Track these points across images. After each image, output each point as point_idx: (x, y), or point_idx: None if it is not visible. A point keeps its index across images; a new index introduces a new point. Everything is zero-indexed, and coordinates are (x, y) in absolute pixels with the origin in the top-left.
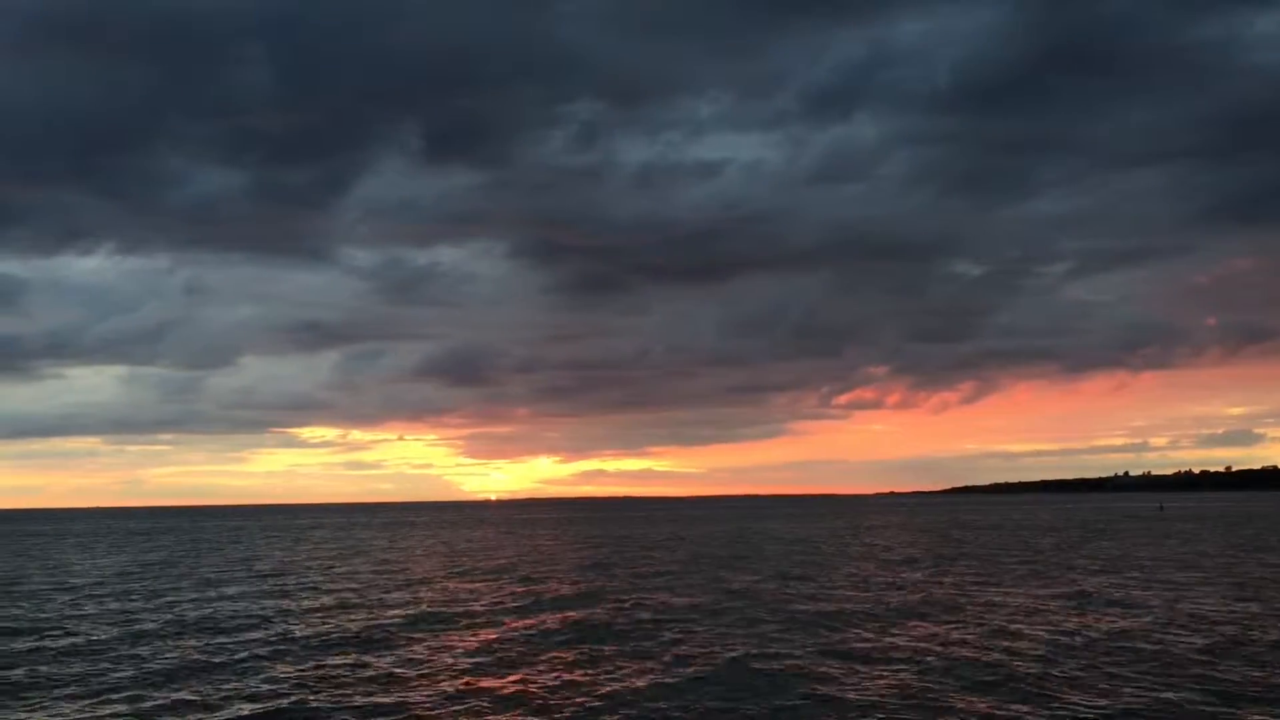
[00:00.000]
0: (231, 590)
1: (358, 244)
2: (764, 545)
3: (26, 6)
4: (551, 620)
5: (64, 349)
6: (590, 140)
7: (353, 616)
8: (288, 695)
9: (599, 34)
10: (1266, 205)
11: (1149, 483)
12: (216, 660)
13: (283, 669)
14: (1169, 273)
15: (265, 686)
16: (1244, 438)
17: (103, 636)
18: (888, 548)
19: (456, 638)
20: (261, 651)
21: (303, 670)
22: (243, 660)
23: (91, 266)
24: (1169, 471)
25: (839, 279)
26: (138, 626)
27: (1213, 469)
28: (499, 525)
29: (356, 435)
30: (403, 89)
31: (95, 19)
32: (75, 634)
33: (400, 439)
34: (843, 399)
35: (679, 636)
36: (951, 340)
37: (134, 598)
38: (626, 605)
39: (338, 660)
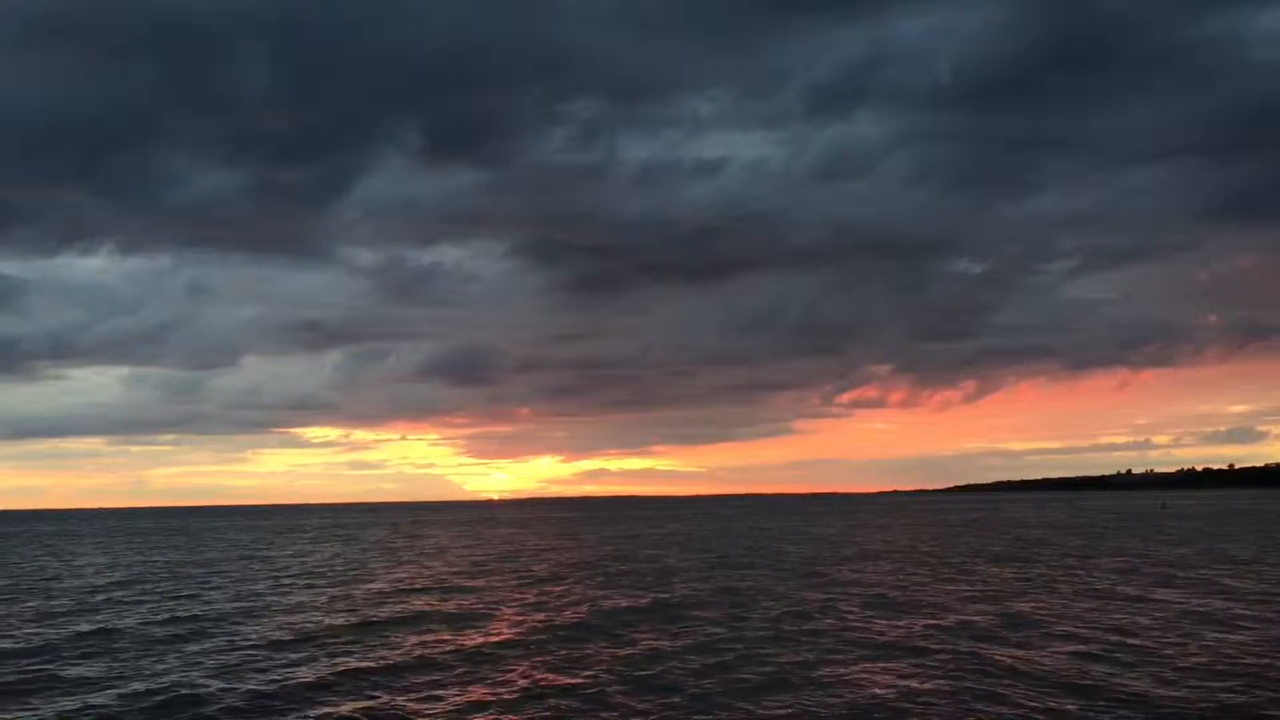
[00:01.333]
0: (386, 588)
1: (359, 244)
2: (838, 543)
3: (27, 5)
4: (743, 616)
5: (65, 350)
6: (591, 139)
7: (537, 617)
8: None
9: (599, 32)
10: (1269, 202)
11: (1152, 480)
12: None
13: (484, 674)
14: (1171, 270)
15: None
16: (1247, 435)
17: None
18: (974, 548)
19: (670, 635)
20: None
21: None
22: (450, 661)
23: (92, 267)
24: (1172, 469)
25: (841, 277)
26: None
27: (1215, 467)
28: (535, 525)
29: (359, 435)
30: (403, 88)
31: (95, 18)
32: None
33: (403, 439)
34: (845, 398)
35: (901, 632)
36: (953, 339)
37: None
38: (811, 605)
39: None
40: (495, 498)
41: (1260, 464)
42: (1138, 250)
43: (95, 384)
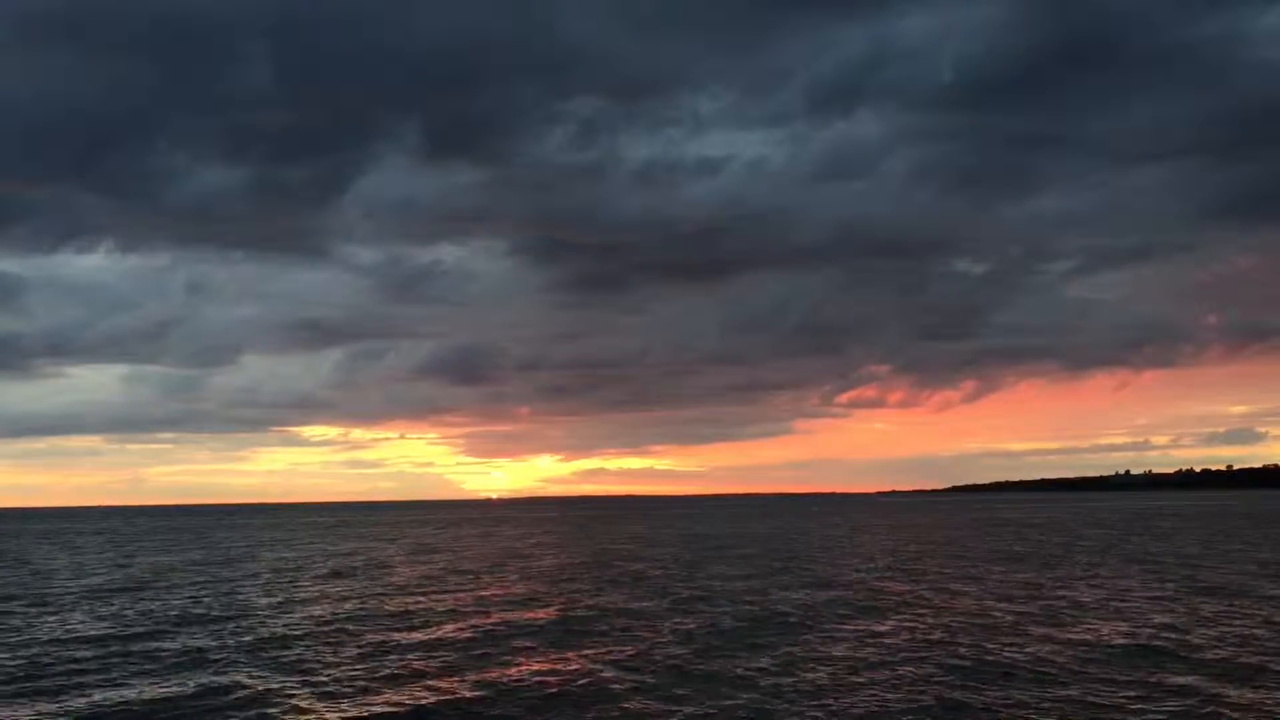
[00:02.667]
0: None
1: (359, 242)
2: (900, 542)
3: (27, 3)
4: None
5: (64, 347)
6: (591, 137)
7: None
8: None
9: (600, 30)
10: (1270, 203)
11: (1150, 481)
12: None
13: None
14: (1172, 271)
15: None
16: (1246, 436)
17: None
18: (1060, 549)
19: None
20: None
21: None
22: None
23: (92, 264)
24: (1170, 470)
25: (841, 277)
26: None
27: (1214, 468)
28: (556, 524)
29: (358, 434)
30: (403, 86)
31: (96, 16)
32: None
33: (401, 437)
34: (844, 397)
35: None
36: (954, 338)
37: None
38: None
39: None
40: (494, 497)
41: (1258, 465)
42: (1138, 250)
43: (94, 382)
